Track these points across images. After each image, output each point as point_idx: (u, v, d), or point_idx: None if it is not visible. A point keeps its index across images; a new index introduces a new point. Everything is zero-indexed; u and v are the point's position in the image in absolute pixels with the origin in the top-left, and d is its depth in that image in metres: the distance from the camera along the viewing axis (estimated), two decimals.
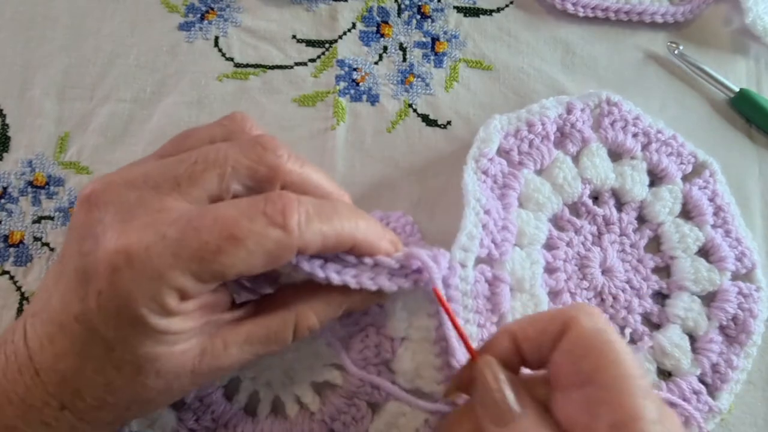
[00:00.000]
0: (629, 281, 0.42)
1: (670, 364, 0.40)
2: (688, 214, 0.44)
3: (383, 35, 0.48)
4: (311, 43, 0.47)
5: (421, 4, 0.49)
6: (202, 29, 0.47)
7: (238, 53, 0.47)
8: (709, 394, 0.40)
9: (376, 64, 0.47)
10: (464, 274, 0.38)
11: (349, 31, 0.48)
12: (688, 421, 0.39)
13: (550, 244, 0.42)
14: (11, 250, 0.43)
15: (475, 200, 0.40)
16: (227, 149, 0.30)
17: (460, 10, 0.49)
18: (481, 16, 0.49)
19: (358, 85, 0.46)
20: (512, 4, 0.49)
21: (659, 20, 0.49)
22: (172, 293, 0.27)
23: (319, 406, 0.39)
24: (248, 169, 0.30)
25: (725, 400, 0.40)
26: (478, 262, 0.39)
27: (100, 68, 0.46)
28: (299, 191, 0.31)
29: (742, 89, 0.47)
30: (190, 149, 0.31)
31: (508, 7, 0.49)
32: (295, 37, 0.47)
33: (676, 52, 0.48)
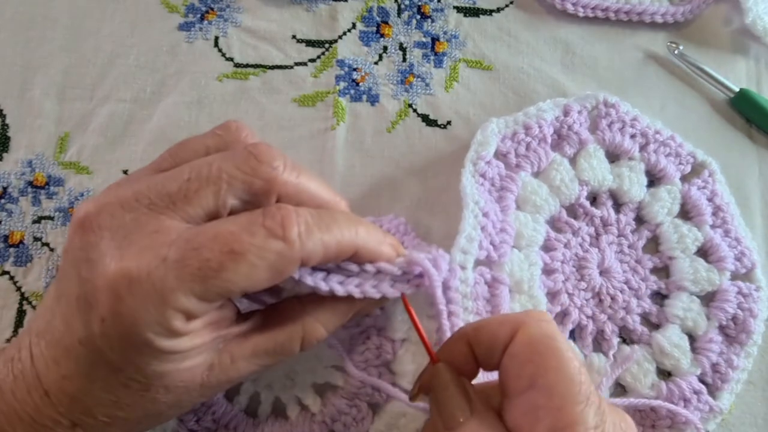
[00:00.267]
0: (627, 282, 0.42)
1: (669, 364, 0.40)
2: (686, 214, 0.44)
3: (383, 35, 0.48)
4: (311, 43, 0.47)
5: (421, 4, 0.49)
6: (202, 29, 0.47)
7: (238, 53, 0.47)
8: (709, 393, 0.40)
9: (376, 64, 0.47)
10: (464, 276, 0.38)
11: (349, 31, 0.48)
12: (686, 424, 0.39)
13: (547, 245, 0.42)
14: (11, 250, 0.43)
15: (473, 203, 0.40)
16: (221, 163, 0.29)
17: (460, 10, 0.49)
18: (481, 16, 0.49)
19: (358, 85, 0.46)
20: (512, 4, 0.49)
21: (659, 20, 0.48)
22: (177, 315, 0.27)
23: (319, 407, 0.39)
24: (243, 183, 0.29)
25: (726, 399, 0.40)
26: (477, 264, 0.39)
27: (100, 68, 0.46)
28: (296, 202, 0.30)
29: (742, 89, 0.47)
30: (185, 160, 0.31)
31: (508, 7, 0.49)
32: (295, 37, 0.47)
33: (676, 52, 0.48)
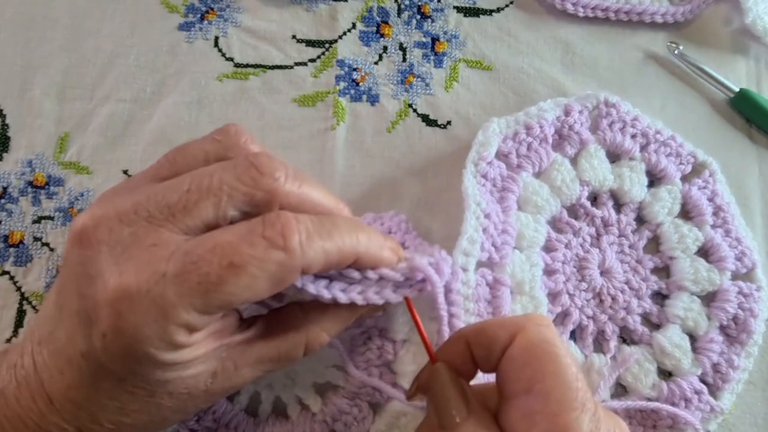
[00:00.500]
0: (628, 282, 0.42)
1: (670, 364, 0.40)
2: (687, 214, 0.44)
3: (383, 35, 0.48)
4: (311, 43, 0.47)
5: (421, 4, 0.49)
6: (202, 29, 0.47)
7: (238, 53, 0.47)
8: (710, 393, 0.40)
9: (376, 64, 0.47)
10: (466, 278, 0.38)
11: (349, 31, 0.48)
12: (687, 425, 0.39)
13: (548, 246, 0.42)
14: (11, 250, 0.43)
15: (475, 204, 0.40)
16: (222, 174, 0.29)
17: (460, 10, 0.49)
18: (481, 16, 0.49)
19: (358, 85, 0.46)
20: (512, 4, 0.49)
21: (659, 20, 0.48)
22: (179, 330, 0.27)
23: (320, 406, 0.39)
24: (244, 195, 0.29)
25: (727, 399, 0.40)
26: (478, 265, 0.40)
27: (100, 68, 0.46)
28: (298, 211, 0.30)
29: (742, 89, 0.47)
30: (183, 166, 0.30)
31: (508, 7, 0.49)
32: (295, 37, 0.47)
33: (676, 52, 0.48)
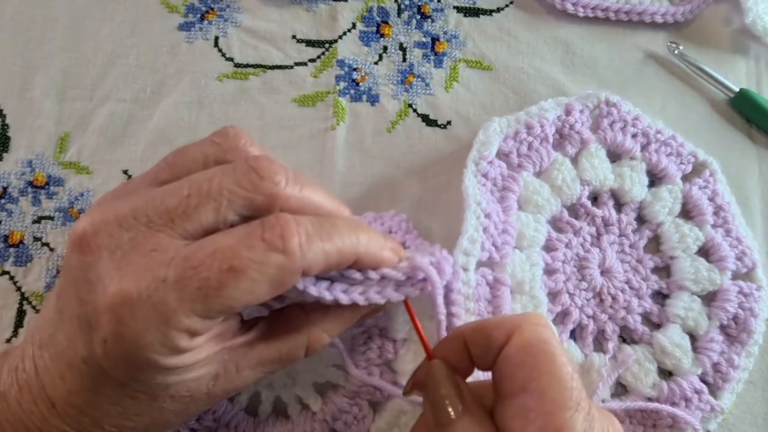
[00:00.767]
0: (628, 281, 0.42)
1: (670, 363, 0.40)
2: (688, 213, 0.44)
3: (383, 35, 0.48)
4: (311, 43, 0.47)
5: (421, 4, 0.49)
6: (202, 29, 0.47)
7: (238, 53, 0.47)
8: (710, 393, 0.40)
9: (376, 64, 0.47)
10: (466, 278, 0.38)
11: (349, 31, 0.48)
12: (687, 424, 0.39)
13: (549, 245, 0.42)
14: (11, 250, 0.42)
15: (475, 204, 0.40)
16: (221, 179, 0.28)
17: (460, 10, 0.49)
18: (481, 16, 0.49)
19: (358, 85, 0.46)
20: (512, 4, 0.49)
21: (659, 20, 0.48)
22: (180, 335, 0.27)
23: (320, 405, 0.39)
24: (244, 199, 0.28)
25: (727, 399, 0.40)
26: (479, 265, 0.40)
27: (100, 68, 0.46)
28: (298, 214, 0.30)
29: (742, 89, 0.47)
30: (183, 170, 0.30)
31: (508, 7, 0.49)
32: (295, 37, 0.47)
33: (676, 52, 0.48)
